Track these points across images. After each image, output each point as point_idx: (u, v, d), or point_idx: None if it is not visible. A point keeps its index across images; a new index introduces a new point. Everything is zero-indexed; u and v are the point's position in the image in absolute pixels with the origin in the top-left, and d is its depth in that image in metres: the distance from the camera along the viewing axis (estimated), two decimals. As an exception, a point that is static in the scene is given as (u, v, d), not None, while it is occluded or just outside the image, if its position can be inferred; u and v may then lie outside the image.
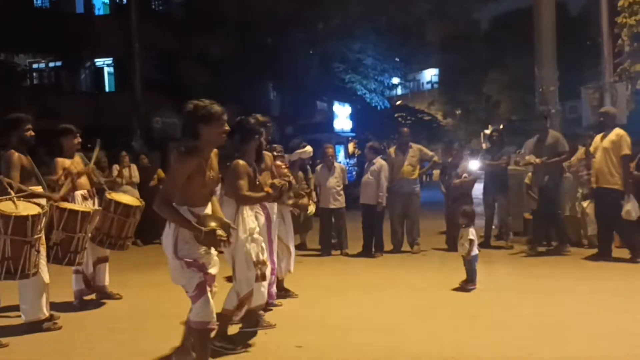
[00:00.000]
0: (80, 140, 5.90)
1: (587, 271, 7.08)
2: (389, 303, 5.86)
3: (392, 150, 9.09)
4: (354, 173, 18.67)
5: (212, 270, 3.66)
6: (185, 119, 3.62)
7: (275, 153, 5.80)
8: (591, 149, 7.76)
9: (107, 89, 21.02)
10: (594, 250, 7.79)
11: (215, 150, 3.75)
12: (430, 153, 9.23)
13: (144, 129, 16.06)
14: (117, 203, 5.76)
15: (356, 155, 25.10)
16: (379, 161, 8.65)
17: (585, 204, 8.42)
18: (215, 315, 3.68)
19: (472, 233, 6.30)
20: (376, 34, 23.22)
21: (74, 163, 5.73)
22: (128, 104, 16.16)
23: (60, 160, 5.72)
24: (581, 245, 8.46)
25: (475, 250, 6.26)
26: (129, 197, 6.31)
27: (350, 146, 27.48)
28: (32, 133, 5.15)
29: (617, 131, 7.42)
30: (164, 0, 22.14)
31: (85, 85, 21.22)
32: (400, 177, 8.74)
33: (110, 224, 5.71)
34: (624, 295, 5.83)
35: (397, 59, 26.36)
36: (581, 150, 8.55)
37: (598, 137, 7.65)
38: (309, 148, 7.16)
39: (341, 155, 24.44)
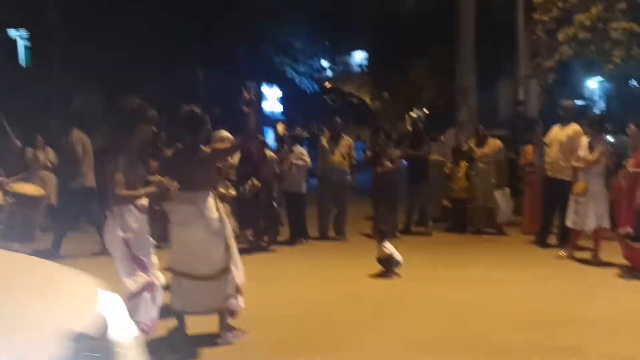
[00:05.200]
0: None
1: (502, 258, 7.43)
2: (312, 292, 5.91)
3: (324, 139, 9.13)
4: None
5: (156, 282, 3.98)
6: (120, 115, 4.02)
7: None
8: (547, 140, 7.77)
9: (22, 64, 19.81)
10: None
11: None
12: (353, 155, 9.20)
13: (62, 108, 15.34)
14: (19, 195, 5.58)
15: (285, 137, 25.01)
16: (298, 148, 8.78)
17: (498, 194, 8.94)
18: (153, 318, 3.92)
19: (387, 248, 6.43)
20: (304, 15, 23.14)
21: None
22: (46, 80, 15.36)
23: None
24: (490, 233, 8.93)
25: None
26: (31, 187, 6.08)
27: (280, 128, 27.39)
28: None
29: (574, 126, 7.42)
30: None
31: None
32: (331, 166, 8.86)
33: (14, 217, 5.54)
34: (538, 281, 6.15)
35: (326, 43, 26.40)
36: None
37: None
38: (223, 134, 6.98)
39: (270, 137, 24.33)
